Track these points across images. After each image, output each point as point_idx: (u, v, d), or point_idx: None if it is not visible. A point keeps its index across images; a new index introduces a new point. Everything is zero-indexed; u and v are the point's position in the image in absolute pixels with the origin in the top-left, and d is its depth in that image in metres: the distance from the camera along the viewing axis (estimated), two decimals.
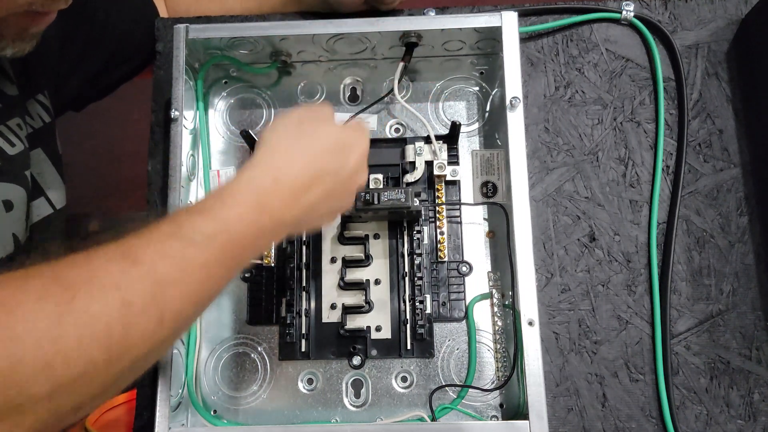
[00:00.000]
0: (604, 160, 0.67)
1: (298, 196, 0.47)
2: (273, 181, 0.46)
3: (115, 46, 0.73)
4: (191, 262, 0.41)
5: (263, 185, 0.46)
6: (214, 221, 0.43)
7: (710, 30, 0.69)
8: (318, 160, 0.48)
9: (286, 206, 0.46)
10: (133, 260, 0.39)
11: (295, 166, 0.47)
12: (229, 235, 0.43)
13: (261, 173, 0.46)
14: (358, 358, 0.62)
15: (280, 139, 0.49)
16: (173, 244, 0.40)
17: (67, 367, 0.34)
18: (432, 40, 0.65)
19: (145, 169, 0.68)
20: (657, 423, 0.60)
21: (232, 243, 0.43)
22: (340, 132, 0.51)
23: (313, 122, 0.50)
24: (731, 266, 0.64)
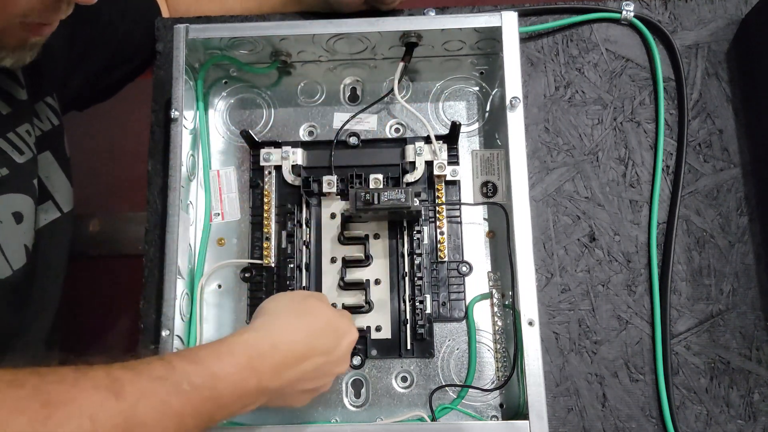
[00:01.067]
0: (604, 160, 0.67)
1: (290, 367, 0.48)
2: (270, 346, 0.48)
3: (117, 46, 0.73)
4: (171, 408, 0.42)
5: (260, 348, 0.47)
6: (204, 374, 0.44)
7: (710, 30, 0.69)
8: (315, 337, 0.50)
9: (276, 374, 0.48)
10: (116, 393, 0.39)
11: (293, 337, 0.49)
12: (214, 391, 0.44)
13: (260, 337, 0.48)
14: (358, 358, 0.62)
15: (281, 310, 0.52)
16: (159, 388, 0.41)
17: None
18: (432, 40, 0.65)
19: (145, 169, 0.68)
20: (657, 423, 0.60)
21: (213, 400, 0.44)
22: (336, 317, 0.53)
23: (313, 302, 0.53)
24: (731, 266, 0.64)
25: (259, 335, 0.48)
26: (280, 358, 0.48)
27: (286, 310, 0.52)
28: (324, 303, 0.55)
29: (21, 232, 0.57)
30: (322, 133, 0.69)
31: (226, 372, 0.45)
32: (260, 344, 0.48)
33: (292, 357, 0.48)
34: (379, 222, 0.65)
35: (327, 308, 0.54)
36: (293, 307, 0.52)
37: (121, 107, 1.14)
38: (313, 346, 0.50)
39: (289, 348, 0.49)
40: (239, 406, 0.46)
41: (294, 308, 0.52)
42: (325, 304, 0.54)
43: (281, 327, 0.50)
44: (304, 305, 0.53)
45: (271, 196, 0.66)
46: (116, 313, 1.32)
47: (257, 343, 0.47)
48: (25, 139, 0.59)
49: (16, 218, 0.56)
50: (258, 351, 0.47)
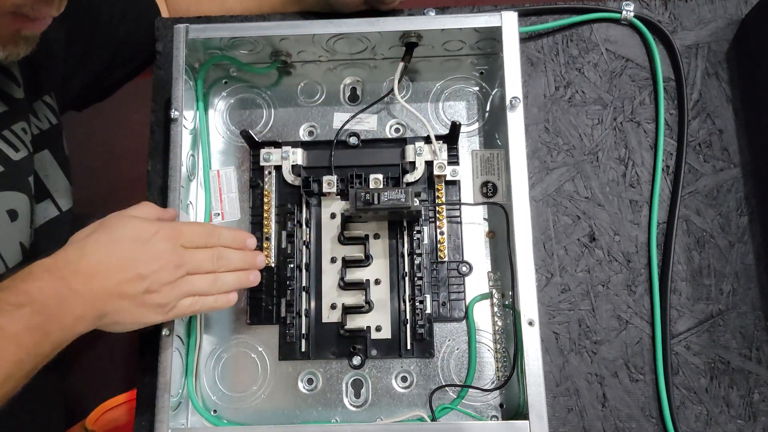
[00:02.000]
0: (604, 160, 0.67)
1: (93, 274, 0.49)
2: (65, 262, 0.49)
3: (117, 46, 0.73)
4: (2, 332, 0.44)
5: (55, 265, 0.49)
6: (17, 293, 0.46)
7: (710, 30, 0.69)
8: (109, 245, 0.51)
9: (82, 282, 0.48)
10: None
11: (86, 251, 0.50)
12: (35, 306, 0.46)
13: (53, 258, 0.49)
14: (358, 358, 0.62)
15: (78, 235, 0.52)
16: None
17: None
18: (432, 40, 0.65)
19: (145, 169, 0.68)
20: (657, 423, 0.60)
21: (39, 313, 0.46)
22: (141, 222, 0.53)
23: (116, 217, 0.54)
24: (731, 266, 0.64)
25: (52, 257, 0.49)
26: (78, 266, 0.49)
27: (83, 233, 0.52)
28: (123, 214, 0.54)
29: (16, 229, 0.57)
30: (322, 133, 0.69)
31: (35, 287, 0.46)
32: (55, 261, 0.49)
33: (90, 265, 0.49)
34: (379, 222, 0.65)
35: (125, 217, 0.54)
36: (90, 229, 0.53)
37: (121, 107, 1.15)
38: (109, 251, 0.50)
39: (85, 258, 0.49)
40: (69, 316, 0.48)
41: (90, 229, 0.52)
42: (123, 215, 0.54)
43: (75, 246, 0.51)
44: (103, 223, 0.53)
45: (271, 196, 0.66)
46: None
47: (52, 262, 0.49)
48: (21, 136, 0.59)
49: (11, 216, 0.57)
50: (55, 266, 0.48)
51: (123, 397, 0.82)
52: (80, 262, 0.49)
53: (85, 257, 0.50)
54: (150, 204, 0.57)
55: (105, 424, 0.83)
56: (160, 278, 0.52)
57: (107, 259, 0.50)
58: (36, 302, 0.46)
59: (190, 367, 0.61)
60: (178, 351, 0.60)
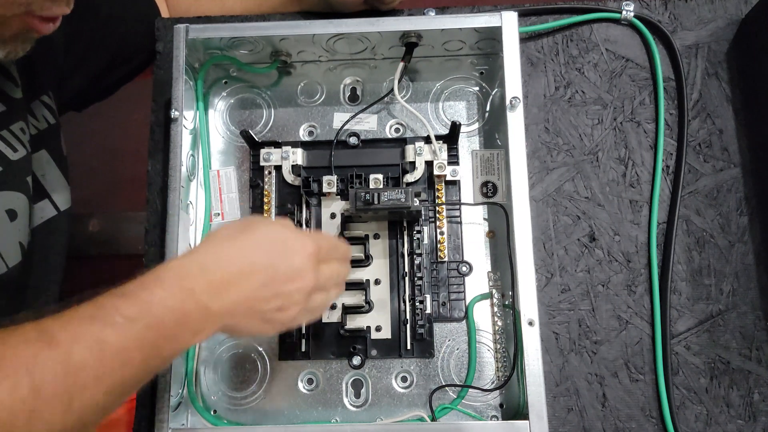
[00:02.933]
0: (604, 160, 0.67)
1: (228, 287, 0.45)
2: (199, 269, 0.45)
3: (117, 46, 0.73)
4: (108, 346, 0.39)
5: (188, 271, 0.44)
6: (135, 304, 0.41)
7: (710, 30, 0.69)
8: (250, 254, 0.47)
9: (213, 294, 0.44)
10: (48, 342, 0.38)
11: (224, 257, 0.46)
12: (151, 319, 0.41)
13: (188, 262, 0.45)
14: (358, 358, 0.62)
15: (219, 235, 0.48)
16: (91, 327, 0.39)
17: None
18: (432, 40, 0.65)
19: (145, 169, 0.68)
20: (657, 423, 0.60)
21: (154, 328, 0.41)
22: (287, 232, 0.49)
23: (260, 222, 0.49)
24: (731, 266, 0.64)
25: (187, 260, 0.45)
26: (212, 278, 0.44)
27: (225, 234, 0.48)
28: (268, 221, 0.49)
29: (15, 229, 0.57)
30: (322, 133, 0.69)
31: (158, 297, 0.42)
32: (188, 266, 0.44)
33: (225, 276, 0.45)
34: (379, 222, 0.65)
35: (271, 224, 0.49)
36: (233, 231, 0.48)
37: (121, 107, 1.15)
38: (250, 261, 0.46)
39: (220, 268, 0.45)
40: (187, 332, 0.44)
41: (233, 231, 0.48)
42: (269, 222, 0.50)
43: (212, 249, 0.46)
44: (247, 226, 0.48)
45: (271, 196, 0.66)
46: None
47: (185, 266, 0.44)
48: (19, 136, 0.59)
49: (10, 215, 0.56)
50: (186, 274, 0.44)
51: None
52: (216, 270, 0.45)
53: (223, 264, 0.45)
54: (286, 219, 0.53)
55: (105, 424, 0.83)
56: (294, 299, 0.48)
57: (248, 270, 0.46)
58: (153, 316, 0.41)
59: (190, 367, 0.61)
60: None
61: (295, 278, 0.47)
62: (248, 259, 0.46)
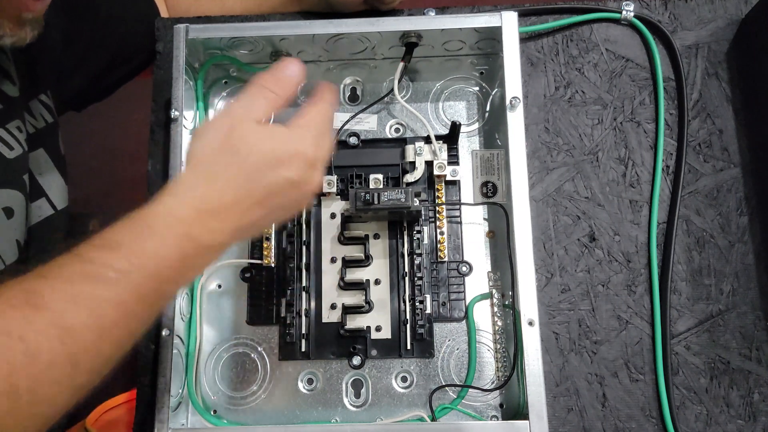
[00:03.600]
0: (604, 160, 0.67)
1: (225, 219, 0.43)
2: (194, 210, 0.42)
3: (116, 46, 0.73)
4: (105, 303, 0.37)
5: (183, 215, 0.41)
6: (128, 256, 0.39)
7: (710, 30, 0.69)
8: (246, 178, 0.43)
9: (212, 231, 0.42)
10: (36, 306, 0.36)
11: (217, 189, 0.43)
12: (148, 270, 0.39)
13: (180, 203, 0.42)
14: (358, 358, 0.62)
15: (203, 155, 0.44)
16: (82, 286, 0.37)
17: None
18: (432, 40, 0.65)
19: (145, 169, 0.68)
20: (657, 423, 0.60)
21: (152, 278, 0.40)
22: (276, 138, 0.45)
23: (243, 128, 0.44)
24: (731, 266, 0.64)
25: (177, 201, 0.42)
26: (210, 218, 0.42)
27: (210, 152, 0.44)
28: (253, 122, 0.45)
29: (12, 227, 0.57)
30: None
31: (152, 247, 0.40)
32: (182, 211, 0.42)
33: (222, 210, 0.42)
34: (379, 222, 0.65)
35: (257, 131, 0.44)
36: (218, 146, 0.44)
37: (121, 107, 1.15)
38: (244, 190, 0.43)
39: (216, 202, 0.42)
40: (189, 271, 0.42)
41: (214, 150, 0.44)
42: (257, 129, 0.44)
43: (202, 180, 0.43)
44: (230, 138, 0.44)
45: None
46: None
47: (179, 211, 0.41)
48: (16, 135, 0.59)
49: (6, 213, 0.56)
50: (182, 218, 0.41)
51: (123, 397, 0.82)
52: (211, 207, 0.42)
53: (214, 198, 0.42)
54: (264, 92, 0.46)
55: (105, 424, 0.83)
56: (295, 202, 0.47)
57: (244, 195, 0.43)
58: (150, 267, 0.39)
59: (190, 367, 0.61)
60: (178, 351, 0.60)
61: (298, 187, 0.45)
62: (241, 185, 0.43)
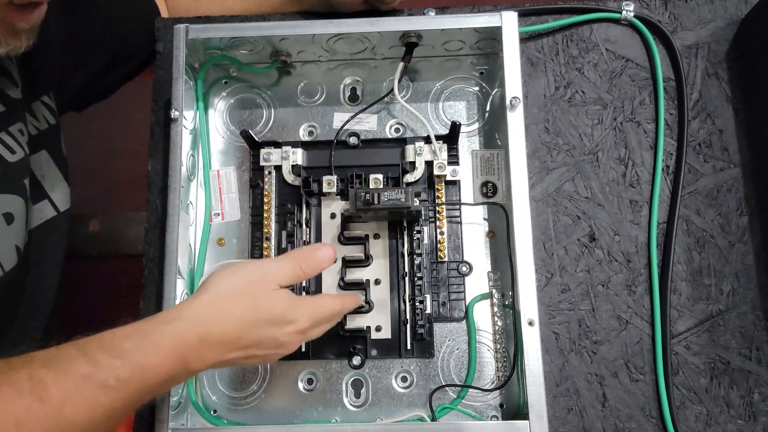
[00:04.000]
0: (604, 160, 0.67)
1: (215, 353, 0.48)
2: (198, 338, 0.47)
3: (116, 47, 0.73)
4: (99, 407, 0.42)
5: (187, 340, 0.46)
6: (131, 368, 0.44)
7: (710, 30, 0.69)
8: (246, 327, 0.49)
9: (202, 360, 0.47)
10: (41, 398, 0.39)
11: (222, 326, 0.48)
12: (142, 384, 0.44)
13: (188, 327, 0.47)
14: (358, 358, 0.62)
15: (221, 293, 0.49)
16: (85, 387, 0.41)
17: None
18: (432, 40, 0.65)
19: (145, 169, 0.68)
20: (657, 423, 0.60)
21: (142, 390, 0.44)
22: (284, 303, 0.50)
23: (262, 285, 0.50)
24: (731, 266, 0.64)
25: (187, 325, 0.47)
26: (208, 350, 0.47)
27: (226, 291, 0.49)
28: (273, 283, 0.50)
29: (12, 233, 0.57)
30: (322, 133, 0.69)
31: (153, 364, 0.44)
32: (187, 335, 0.46)
33: (216, 344, 0.47)
34: (379, 222, 0.65)
35: (272, 293, 0.50)
36: (234, 289, 0.49)
37: (121, 107, 1.15)
38: (240, 336, 0.48)
39: (215, 336, 0.47)
40: (166, 388, 0.49)
41: (234, 291, 0.49)
42: (272, 287, 0.50)
43: (213, 316, 0.48)
44: (247, 289, 0.49)
45: (271, 196, 0.66)
46: (116, 313, 1.32)
47: (184, 334, 0.46)
48: (18, 138, 0.59)
49: (6, 219, 0.56)
50: (185, 342, 0.46)
51: None
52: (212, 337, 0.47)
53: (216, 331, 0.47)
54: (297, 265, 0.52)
55: None
56: (275, 357, 0.52)
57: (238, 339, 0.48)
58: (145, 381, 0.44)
59: None
60: None
61: (279, 349, 0.51)
62: (241, 331, 0.48)
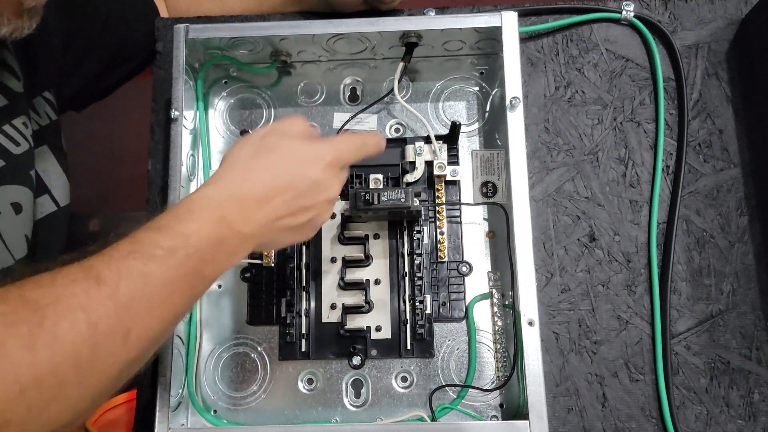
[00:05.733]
0: (604, 160, 0.67)
1: (257, 209, 0.47)
2: (229, 196, 0.46)
3: (116, 46, 0.73)
4: (153, 279, 0.41)
5: (219, 199, 0.46)
6: (172, 236, 0.43)
7: (710, 30, 0.69)
8: (272, 174, 0.48)
9: (245, 219, 0.46)
10: (96, 280, 0.39)
11: (251, 180, 0.47)
12: (189, 249, 0.43)
13: (216, 189, 0.47)
14: (358, 358, 0.62)
15: (240, 156, 0.49)
16: (133, 262, 0.41)
17: (42, 392, 0.35)
18: (432, 40, 0.65)
19: (145, 169, 0.68)
20: (657, 423, 0.60)
21: (193, 257, 0.43)
22: (303, 145, 0.50)
23: (276, 136, 0.50)
24: (731, 266, 0.64)
25: (215, 188, 0.47)
26: (243, 204, 0.46)
27: (245, 153, 0.49)
28: (288, 134, 0.50)
29: (21, 222, 0.57)
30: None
31: (194, 229, 0.44)
32: (219, 196, 0.46)
33: (254, 200, 0.47)
34: (379, 222, 0.65)
35: (291, 139, 0.50)
36: (252, 149, 0.49)
37: (121, 107, 1.15)
38: (274, 183, 0.48)
39: (248, 193, 0.47)
40: (225, 256, 0.46)
41: (253, 150, 0.49)
42: (288, 136, 0.50)
43: (238, 174, 0.48)
44: (265, 143, 0.50)
45: None
46: None
47: (215, 195, 0.46)
48: (22, 131, 0.59)
49: (15, 209, 0.57)
50: (217, 202, 0.46)
51: (123, 397, 0.82)
52: (244, 195, 0.47)
53: (248, 188, 0.47)
54: (300, 118, 0.53)
55: (105, 424, 0.83)
56: (322, 210, 0.51)
57: (272, 190, 0.47)
58: (191, 246, 0.43)
59: (190, 367, 0.61)
60: (178, 351, 0.60)
61: (319, 191, 0.50)
62: (271, 179, 0.48)
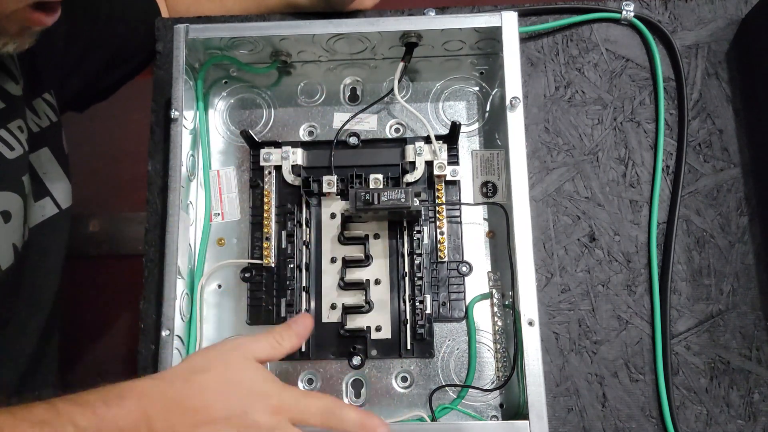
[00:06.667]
0: (604, 160, 0.67)
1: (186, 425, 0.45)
2: (163, 396, 0.45)
3: (116, 46, 0.73)
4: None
5: (152, 396, 0.45)
6: (89, 416, 0.42)
7: (710, 30, 0.69)
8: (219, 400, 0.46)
9: (170, 426, 0.45)
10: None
11: (191, 393, 0.46)
12: None
13: (155, 386, 0.46)
14: (358, 358, 0.62)
15: (195, 363, 0.48)
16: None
17: None
18: (432, 40, 0.65)
19: (145, 169, 0.68)
20: (657, 423, 0.60)
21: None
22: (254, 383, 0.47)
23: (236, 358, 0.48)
24: (731, 266, 0.64)
25: (155, 383, 0.46)
26: (173, 409, 0.45)
27: (199, 362, 0.48)
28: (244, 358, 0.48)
29: (9, 231, 0.57)
30: (322, 133, 0.69)
31: (112, 414, 0.43)
32: (153, 392, 0.45)
33: (185, 411, 0.45)
34: (379, 222, 0.65)
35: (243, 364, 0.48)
36: (207, 360, 0.48)
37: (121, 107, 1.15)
38: (210, 405, 0.46)
39: (184, 403, 0.45)
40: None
41: (207, 361, 0.48)
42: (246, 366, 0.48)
43: (183, 379, 0.47)
44: (221, 359, 0.48)
45: (271, 196, 0.66)
46: (116, 313, 1.32)
47: (150, 390, 0.45)
48: (17, 135, 0.59)
49: (4, 217, 0.56)
50: (149, 399, 0.45)
51: None
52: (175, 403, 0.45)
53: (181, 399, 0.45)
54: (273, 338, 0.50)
55: None
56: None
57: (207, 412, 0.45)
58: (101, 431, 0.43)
59: None
60: (178, 351, 0.59)
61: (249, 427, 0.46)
62: (214, 401, 0.46)
